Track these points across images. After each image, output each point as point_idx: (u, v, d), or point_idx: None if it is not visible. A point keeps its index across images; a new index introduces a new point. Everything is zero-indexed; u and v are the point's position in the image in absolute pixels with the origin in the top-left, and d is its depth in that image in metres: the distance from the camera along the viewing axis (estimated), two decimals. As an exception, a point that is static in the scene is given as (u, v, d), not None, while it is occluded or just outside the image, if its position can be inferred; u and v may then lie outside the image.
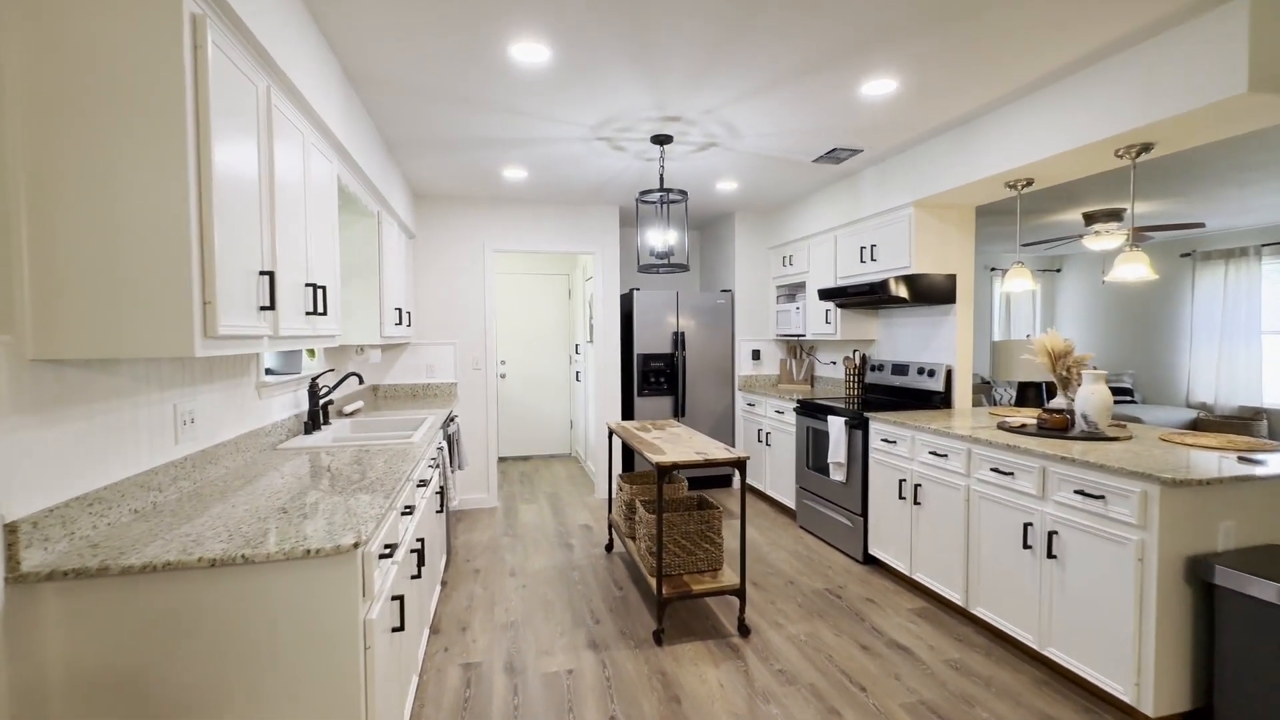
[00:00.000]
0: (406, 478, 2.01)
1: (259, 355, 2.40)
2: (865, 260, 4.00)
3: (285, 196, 1.83)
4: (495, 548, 3.89)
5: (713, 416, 5.31)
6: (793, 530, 4.20)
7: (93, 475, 1.42)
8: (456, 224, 4.72)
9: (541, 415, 6.78)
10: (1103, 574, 2.12)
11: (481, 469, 4.82)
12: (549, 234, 4.90)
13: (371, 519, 1.50)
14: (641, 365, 5.13)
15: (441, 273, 4.70)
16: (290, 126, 1.89)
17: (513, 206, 4.82)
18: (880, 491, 3.37)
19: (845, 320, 4.34)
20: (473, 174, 3.98)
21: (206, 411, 1.97)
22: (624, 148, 3.43)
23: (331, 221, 2.35)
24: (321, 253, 2.22)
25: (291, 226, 1.88)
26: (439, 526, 3.08)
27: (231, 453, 2.12)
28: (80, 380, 1.40)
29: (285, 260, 1.81)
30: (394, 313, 3.68)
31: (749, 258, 5.36)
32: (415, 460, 2.25)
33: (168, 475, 1.70)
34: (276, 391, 2.58)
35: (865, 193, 3.97)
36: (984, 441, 2.62)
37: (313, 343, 2.10)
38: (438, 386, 4.69)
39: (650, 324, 5.14)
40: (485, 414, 4.80)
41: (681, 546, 2.82)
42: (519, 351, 6.68)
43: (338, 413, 3.48)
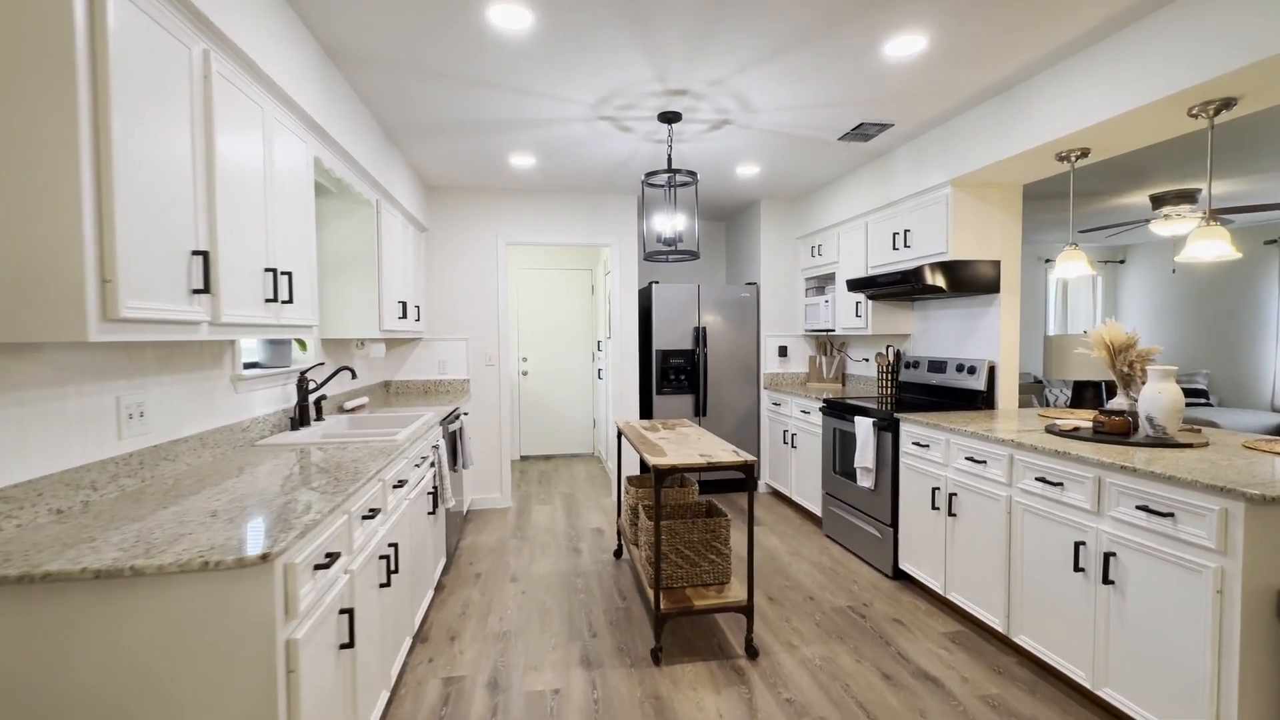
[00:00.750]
0: (370, 479, 1.85)
1: (234, 346, 2.30)
2: (898, 247, 3.67)
3: (235, 173, 1.69)
4: (501, 550, 3.74)
5: (736, 416, 5.04)
6: (817, 540, 3.90)
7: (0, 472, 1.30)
8: (469, 216, 4.60)
9: (564, 414, 6.63)
10: (1172, 606, 1.79)
11: (494, 468, 4.68)
12: (564, 225, 4.73)
13: (298, 527, 1.33)
14: (661, 362, 4.91)
15: (454, 267, 4.59)
16: (243, 98, 1.75)
17: (526, 197, 4.67)
18: (911, 500, 3.05)
19: (877, 313, 4.01)
20: (480, 162, 3.84)
21: (163, 405, 1.86)
22: (630, 128, 3.22)
23: (306, 205, 2.22)
24: (291, 237, 2.08)
25: (245, 206, 1.75)
26: (432, 529, 2.93)
27: (196, 449, 2.01)
28: (-17, 368, 1.28)
29: (233, 242, 1.67)
30: (397, 306, 3.57)
31: (775, 248, 5.07)
32: (390, 459, 2.09)
33: (105, 473, 1.58)
34: (258, 385, 2.47)
35: (898, 173, 3.64)
36: (1028, 447, 2.29)
37: (277, 332, 1.96)
38: (450, 383, 4.58)
39: (670, 319, 4.91)
40: (499, 412, 4.67)
41: (684, 557, 2.59)
42: (541, 349, 6.55)
43: (338, 408, 3.39)
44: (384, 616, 2.03)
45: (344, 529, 1.64)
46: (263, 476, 1.81)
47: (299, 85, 2.13)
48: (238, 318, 1.69)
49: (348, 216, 3.21)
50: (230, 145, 1.67)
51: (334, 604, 1.53)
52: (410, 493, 2.46)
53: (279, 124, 2.00)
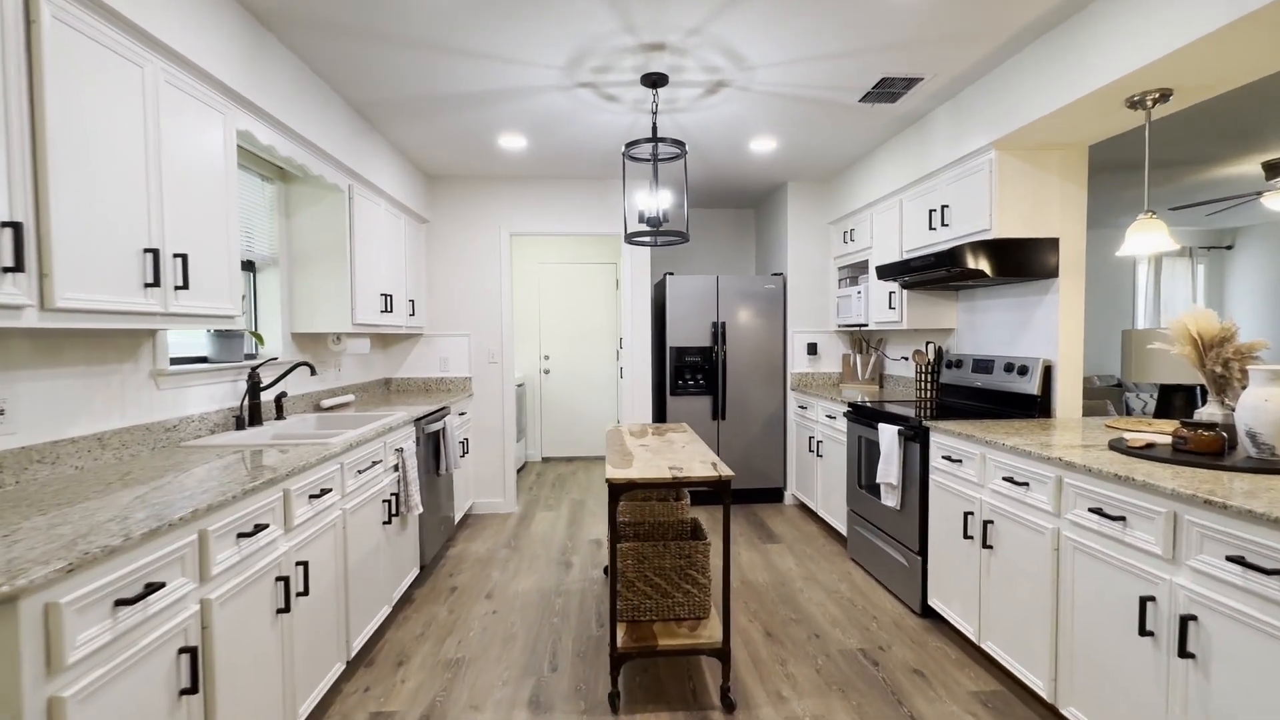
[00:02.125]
0: (257, 489, 1.59)
1: (155, 338, 2.11)
2: (935, 226, 3.15)
3: (84, 135, 1.47)
4: (488, 561, 3.47)
5: (759, 421, 4.59)
6: (840, 563, 3.42)
7: None
8: (470, 207, 4.38)
9: (586, 415, 6.35)
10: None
11: (497, 471, 4.44)
12: (570, 214, 4.43)
13: (72, 557, 1.07)
14: (675, 361, 4.53)
15: (455, 260, 4.38)
16: (104, 52, 1.53)
17: (529, 185, 4.40)
18: (942, 525, 2.56)
19: (914, 305, 3.49)
20: (469, 145, 3.59)
21: (39, 401, 1.67)
22: (615, 96, 2.87)
23: (223, 181, 2.00)
24: (194, 215, 1.86)
25: (105, 176, 1.52)
26: (393, 538, 2.69)
27: (93, 449, 1.82)
28: None
29: (77, 215, 1.44)
30: (377, 299, 3.37)
31: (804, 235, 4.59)
32: (304, 467, 1.84)
33: (-64, 478, 1.39)
34: (192, 381, 2.29)
35: (934, 139, 3.12)
36: (1080, 468, 1.79)
37: (165, 322, 1.74)
38: (451, 381, 4.37)
39: (686, 314, 4.52)
40: (501, 411, 4.43)
41: (653, 585, 2.22)
42: (564, 347, 6.29)
43: (315, 406, 3.22)
44: (284, 647, 1.77)
45: (190, 549, 1.38)
46: (148, 484, 1.58)
47: (207, 47, 1.91)
48: (86, 303, 1.46)
49: (316, 203, 3.02)
50: (81, 102, 1.45)
51: (163, 643, 1.27)
52: (345, 502, 2.22)
53: (173, 88, 1.78)
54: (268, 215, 2.90)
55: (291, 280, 3.03)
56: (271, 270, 2.94)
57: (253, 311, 2.91)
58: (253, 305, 2.91)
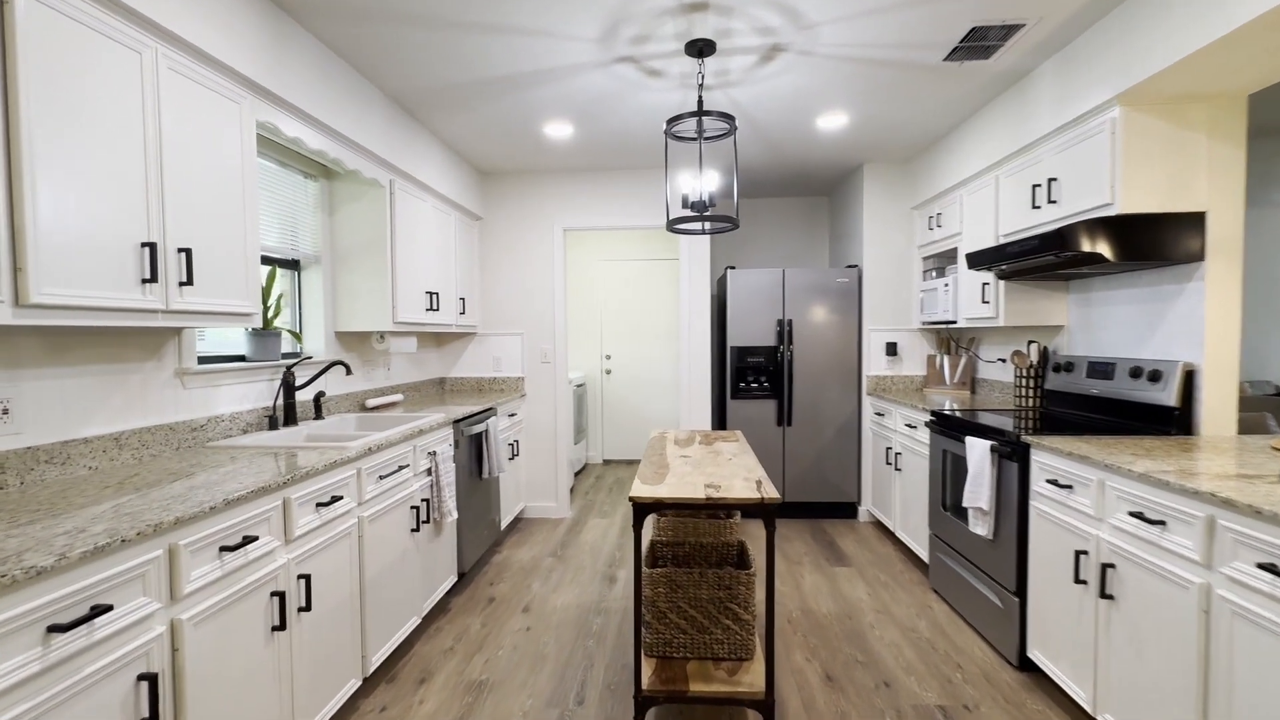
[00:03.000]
0: (239, 499, 1.48)
1: (180, 336, 2.08)
2: (1039, 204, 2.66)
3: (71, 123, 1.39)
4: (531, 570, 3.32)
5: (831, 427, 4.18)
6: (920, 593, 2.99)
7: None
8: (522, 203, 4.26)
9: (648, 416, 6.12)
10: None
11: (549, 475, 4.30)
12: (624, 207, 4.22)
13: None
14: (736, 361, 4.20)
15: (509, 257, 4.28)
16: (95, 36, 1.46)
17: (581, 179, 4.22)
18: (1046, 564, 2.11)
19: (1013, 298, 2.99)
20: (513, 134, 3.45)
21: (49, 401, 1.64)
22: (659, 71, 2.61)
23: (239, 174, 1.93)
24: (203, 209, 1.79)
25: (93, 165, 1.45)
26: (424, 546, 2.57)
27: (109, 449, 1.78)
28: None
29: (57, 206, 1.37)
30: (423, 297, 3.29)
31: (882, 222, 4.13)
32: (307, 474, 1.72)
33: (-72, 479, 1.36)
34: (222, 380, 2.25)
35: (1038, 100, 2.64)
36: (1244, 508, 1.35)
37: (167, 319, 1.67)
38: (504, 381, 4.28)
39: (748, 311, 4.19)
40: (554, 413, 4.28)
41: (689, 619, 1.95)
42: (626, 346, 6.10)
43: (360, 406, 3.18)
44: (281, 667, 1.66)
45: (153, 566, 1.26)
46: (135, 493, 1.51)
47: (219, 33, 1.83)
48: (69, 299, 1.39)
49: (357, 199, 2.97)
50: (64, 89, 1.38)
51: (115, 670, 1.15)
52: (363, 510, 2.10)
53: (179, 75, 1.71)
54: (311, 212, 2.88)
55: (335, 278, 3.00)
56: (315, 268, 2.92)
57: (297, 309, 2.90)
58: (297, 303, 2.90)
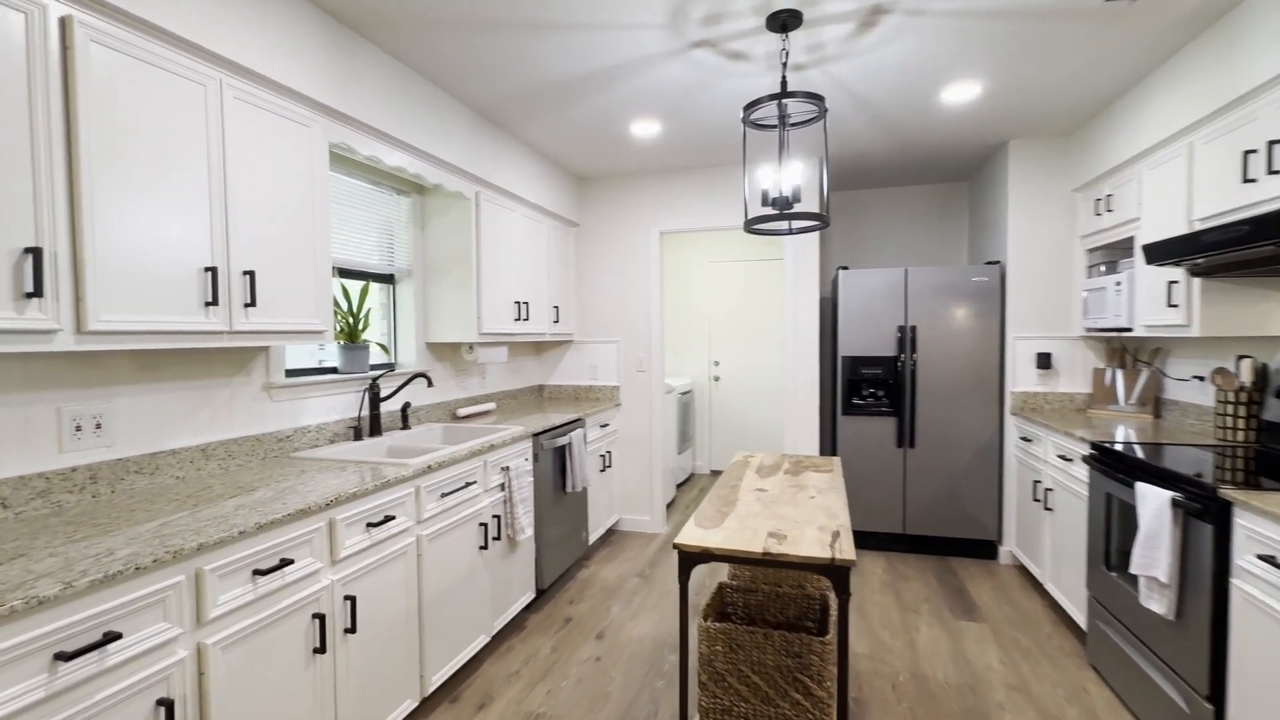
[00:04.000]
0: (272, 523, 1.47)
1: (268, 352, 2.19)
2: (1253, 177, 2.00)
3: (133, 157, 1.46)
4: (614, 591, 3.18)
5: (964, 451, 3.59)
6: (1074, 668, 2.41)
7: None
8: (618, 207, 4.14)
9: (758, 426, 5.76)
10: None
11: (643, 488, 4.15)
12: (722, 207, 3.94)
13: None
14: (848, 373, 3.76)
15: (605, 263, 4.19)
16: (145, 68, 1.53)
17: (676, 179, 4.01)
18: (1259, 669, 1.55)
19: (1212, 300, 2.31)
20: (600, 137, 3.33)
21: (139, 415, 1.77)
22: (742, 53, 2.33)
23: (306, 195, 1.98)
24: (270, 233, 1.85)
25: (155, 195, 1.52)
26: (495, 563, 2.52)
27: (196, 460, 1.91)
28: None
29: (120, 237, 1.44)
30: (511, 307, 3.28)
31: (1034, 209, 3.46)
32: (353, 495, 1.71)
33: (28, 488, 1.50)
34: (309, 392, 2.36)
35: (1254, 36, 1.98)
36: None
37: (233, 339, 1.73)
38: (600, 389, 4.20)
39: (863, 315, 3.72)
40: (649, 424, 4.12)
41: (751, 686, 1.67)
42: (735, 352, 5.80)
43: (451, 415, 3.24)
44: (322, 690, 1.65)
45: (174, 592, 1.27)
46: (209, 503, 1.57)
47: (285, 60, 1.88)
48: (129, 324, 1.46)
49: (445, 212, 3.01)
50: (126, 125, 1.45)
51: (131, 695, 1.16)
52: (423, 528, 2.07)
53: (245, 104, 1.76)
54: (405, 227, 2.97)
55: (425, 291, 3.07)
56: (408, 281, 3.01)
57: (392, 322, 3.01)
58: (392, 316, 3.01)
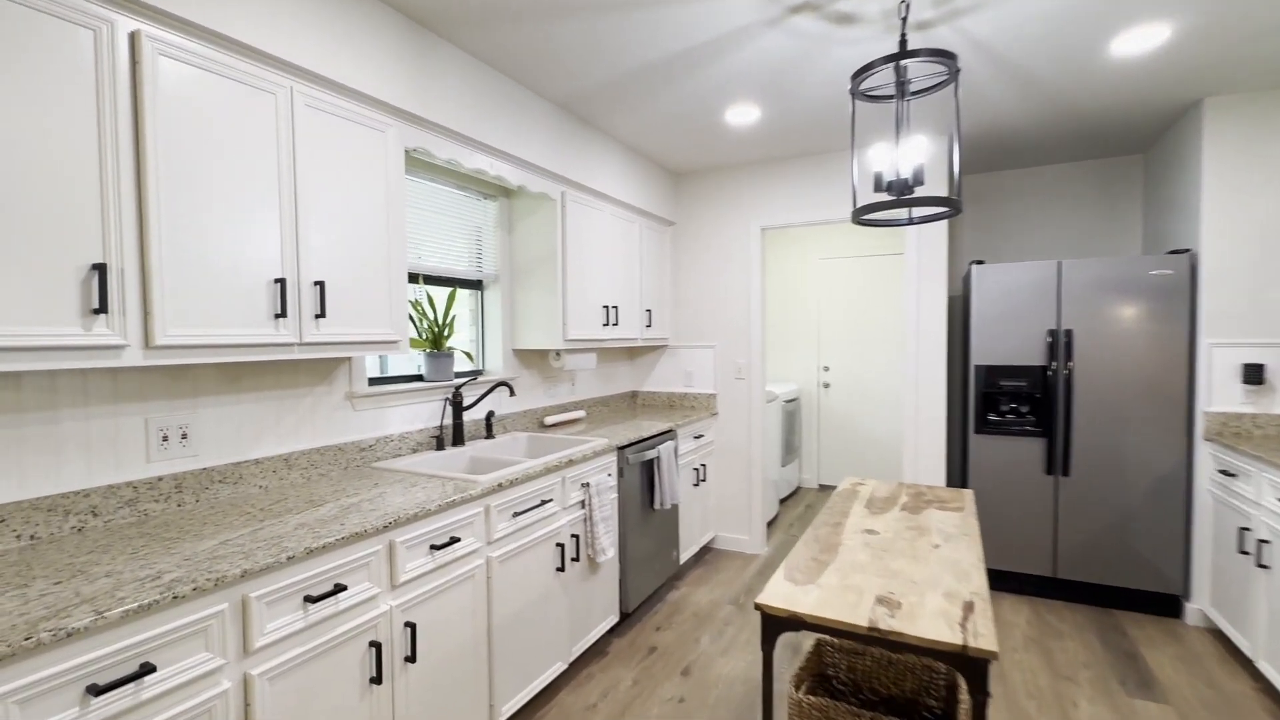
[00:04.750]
0: (321, 548, 1.40)
1: (350, 362, 2.19)
2: None
3: (201, 171, 1.45)
4: (705, 619, 2.94)
5: (1136, 482, 2.94)
6: (1305, 786, 1.83)
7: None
8: (716, 203, 3.87)
9: (873, 437, 5.23)
10: None
11: (741, 504, 3.85)
12: (830, 198, 3.54)
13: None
14: (983, 384, 3.23)
15: (702, 264, 3.94)
16: (214, 79, 1.51)
17: (778, 169, 3.66)
18: None
19: None
20: (693, 126, 3.09)
21: (223, 426, 1.80)
22: (851, 15, 1.99)
23: (380, 202, 1.93)
24: (342, 243, 1.81)
25: (223, 208, 1.50)
26: (569, 588, 2.38)
27: (279, 469, 1.92)
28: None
29: (187, 251, 1.43)
30: (599, 311, 3.14)
31: (1239, 183, 2.75)
32: (415, 516, 1.62)
33: (116, 497, 1.54)
34: (392, 401, 2.34)
35: None
36: None
37: (304, 351, 1.70)
38: (695, 398, 3.96)
39: (1002, 317, 3.18)
40: (748, 435, 3.82)
41: (853, 779, 1.37)
42: (847, 356, 5.31)
43: (538, 423, 3.16)
44: (378, 720, 1.57)
45: (217, 621, 1.21)
46: (276, 517, 1.55)
47: (357, 64, 1.84)
48: (196, 339, 1.45)
49: (531, 215, 2.92)
50: (194, 140, 1.44)
51: (161, 733, 1.12)
52: (493, 549, 1.96)
53: (317, 110, 1.73)
54: (492, 232, 2.92)
55: (512, 296, 3.00)
56: (496, 287, 2.95)
57: (479, 329, 2.97)
58: (480, 323, 2.97)
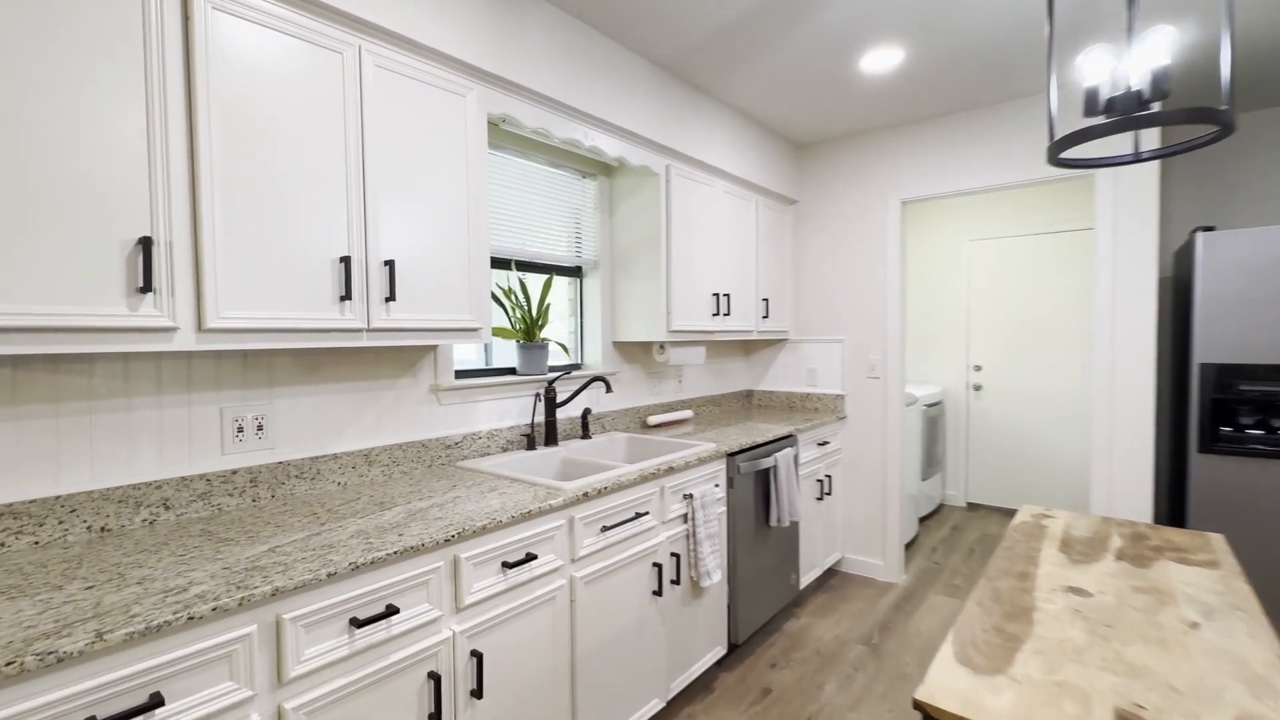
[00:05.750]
0: (366, 565, 1.21)
1: (435, 351, 2.04)
2: None
3: (260, 140, 1.32)
4: (830, 660, 2.49)
5: None
6: None
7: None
8: (845, 175, 3.37)
9: (1039, 450, 4.39)
10: None
11: (874, 522, 3.32)
12: (993, 159, 2.91)
13: None
14: (1212, 388, 2.47)
15: (828, 246, 3.46)
16: (276, 37, 1.37)
17: (927, 129, 3.08)
18: None
19: None
20: (819, 81, 2.64)
21: (301, 417, 1.70)
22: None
23: (460, 174, 1.74)
24: (415, 218, 1.64)
25: (282, 180, 1.37)
26: (667, 614, 2.06)
27: (358, 465, 1.80)
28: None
29: (243, 228, 1.30)
30: (709, 300, 2.80)
31: None
32: (483, 529, 1.40)
33: (189, 490, 1.47)
34: (480, 396, 2.17)
35: None
36: None
37: (373, 338, 1.54)
38: (819, 398, 3.48)
39: (1244, 301, 2.40)
40: (883, 443, 3.28)
41: None
42: (1004, 354, 4.51)
43: (641, 423, 2.88)
44: (439, 763, 1.36)
45: (243, 645, 1.04)
46: (341, 520, 1.40)
47: (433, 19, 1.65)
48: (253, 321, 1.31)
49: (633, 194, 2.65)
50: (250, 98, 1.31)
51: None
52: (578, 568, 1.70)
53: (387, 72, 1.56)
54: (592, 214, 2.68)
55: (613, 283, 2.75)
56: (595, 274, 2.72)
57: (578, 319, 2.75)
58: (578, 313, 2.75)
